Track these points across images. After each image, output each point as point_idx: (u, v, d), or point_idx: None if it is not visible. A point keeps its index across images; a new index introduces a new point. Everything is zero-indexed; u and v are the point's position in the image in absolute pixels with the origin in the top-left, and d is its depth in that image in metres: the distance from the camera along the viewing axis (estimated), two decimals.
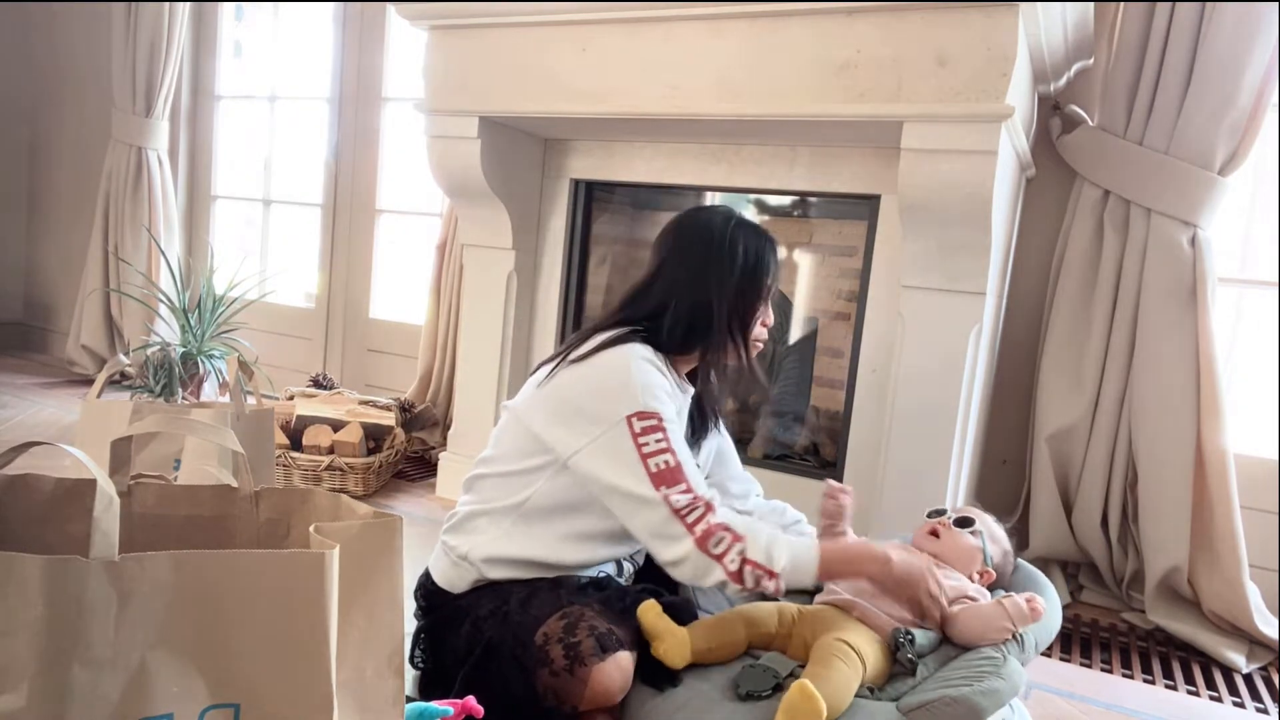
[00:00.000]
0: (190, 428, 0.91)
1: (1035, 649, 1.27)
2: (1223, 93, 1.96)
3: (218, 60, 3.99)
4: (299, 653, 0.73)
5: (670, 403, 1.29)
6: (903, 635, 1.23)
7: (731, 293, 1.37)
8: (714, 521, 1.19)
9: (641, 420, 1.23)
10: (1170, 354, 2.05)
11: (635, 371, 1.27)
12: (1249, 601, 1.97)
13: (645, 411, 1.24)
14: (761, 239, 1.41)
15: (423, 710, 1.07)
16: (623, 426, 1.23)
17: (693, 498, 1.20)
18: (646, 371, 1.28)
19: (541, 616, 1.21)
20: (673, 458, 1.22)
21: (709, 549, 1.18)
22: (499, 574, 1.32)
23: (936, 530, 1.40)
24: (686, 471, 1.22)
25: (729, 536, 1.19)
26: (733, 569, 1.18)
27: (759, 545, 1.19)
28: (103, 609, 0.67)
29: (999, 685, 1.11)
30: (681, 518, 1.19)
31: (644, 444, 1.22)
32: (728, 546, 1.18)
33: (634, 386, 1.25)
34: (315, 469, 2.53)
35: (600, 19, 2.08)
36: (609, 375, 1.28)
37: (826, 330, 2.37)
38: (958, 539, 1.38)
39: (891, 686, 1.21)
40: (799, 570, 1.21)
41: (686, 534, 1.19)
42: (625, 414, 1.24)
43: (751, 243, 1.39)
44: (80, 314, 3.94)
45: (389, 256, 3.59)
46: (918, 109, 1.78)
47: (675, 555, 1.20)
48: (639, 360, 1.29)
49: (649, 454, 1.22)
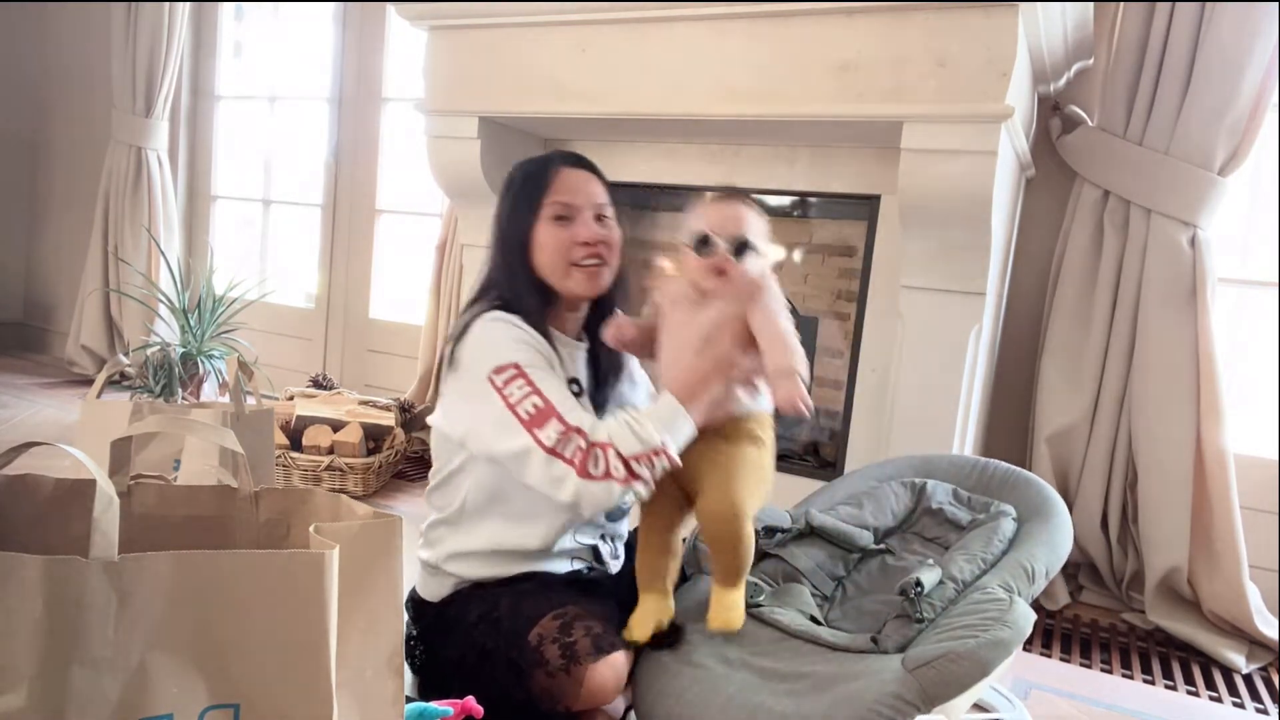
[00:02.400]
0: (190, 428, 0.90)
1: (1045, 577, 1.24)
2: (1223, 93, 1.96)
3: (218, 60, 3.99)
4: (299, 653, 0.73)
5: (529, 350, 1.25)
6: (912, 587, 1.21)
7: (505, 220, 1.34)
8: (586, 444, 1.16)
9: (500, 374, 1.21)
10: (1170, 354, 2.05)
11: (482, 333, 1.26)
12: (1249, 602, 1.97)
13: (501, 365, 1.21)
14: (534, 161, 1.36)
15: (422, 710, 1.07)
16: (487, 387, 1.21)
17: (563, 430, 1.16)
18: (492, 329, 1.26)
19: (534, 617, 1.20)
20: (540, 399, 1.18)
21: (591, 472, 1.14)
22: (473, 571, 1.32)
23: (722, 268, 1.23)
24: (558, 407, 1.18)
25: (600, 450, 1.15)
26: (622, 475, 1.15)
27: (628, 437, 1.16)
28: (102, 609, 0.67)
29: (1005, 635, 1.08)
30: (558, 454, 1.16)
31: (509, 395, 1.20)
32: (606, 460, 1.15)
33: (484, 347, 1.24)
34: (315, 469, 2.53)
35: (600, 19, 2.08)
36: (465, 352, 1.26)
37: (826, 330, 2.37)
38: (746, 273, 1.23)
39: (898, 634, 1.19)
40: (674, 426, 1.18)
41: (568, 469, 1.15)
42: (484, 375, 1.22)
43: (521, 168, 1.35)
44: (80, 314, 3.94)
45: (389, 256, 3.59)
46: (918, 109, 1.78)
47: (568, 495, 1.16)
48: (484, 322, 1.27)
49: (516, 402, 1.19)
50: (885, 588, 1.36)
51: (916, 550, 1.45)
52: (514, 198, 1.33)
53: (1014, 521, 1.39)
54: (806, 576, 1.39)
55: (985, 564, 1.29)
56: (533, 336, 1.26)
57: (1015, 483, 1.50)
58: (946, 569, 1.28)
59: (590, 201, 1.32)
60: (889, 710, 1.04)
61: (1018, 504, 1.44)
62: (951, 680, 1.05)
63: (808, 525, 1.44)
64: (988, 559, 1.30)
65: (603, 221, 1.34)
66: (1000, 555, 1.32)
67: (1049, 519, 1.37)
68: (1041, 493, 1.43)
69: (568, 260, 1.30)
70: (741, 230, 1.23)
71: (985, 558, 1.30)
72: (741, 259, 1.22)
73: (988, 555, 1.31)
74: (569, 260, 1.30)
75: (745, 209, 1.25)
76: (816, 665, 1.15)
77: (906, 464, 1.64)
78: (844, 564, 1.43)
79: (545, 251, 1.30)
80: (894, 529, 1.52)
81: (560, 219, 1.30)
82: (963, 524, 1.44)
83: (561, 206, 1.30)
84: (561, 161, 1.35)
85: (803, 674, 1.14)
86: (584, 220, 1.30)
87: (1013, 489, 1.49)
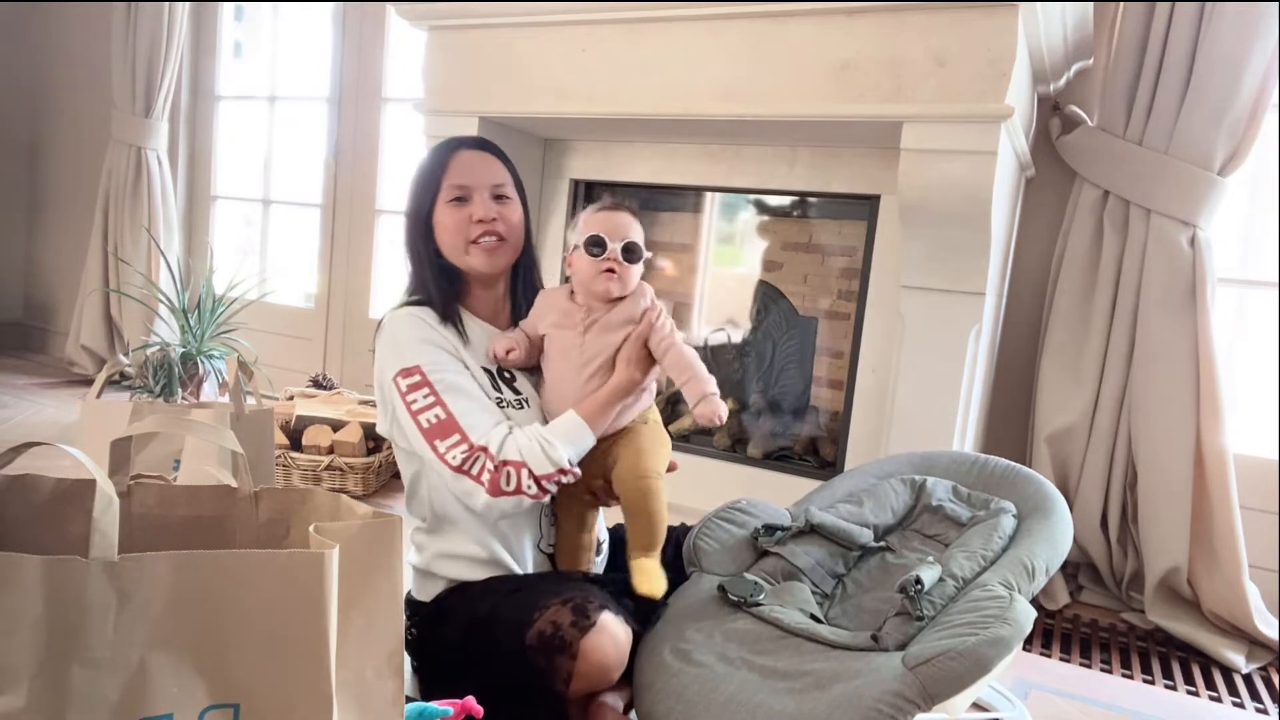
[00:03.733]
0: (190, 428, 0.91)
1: (1046, 573, 1.24)
2: (1222, 93, 1.96)
3: (218, 60, 3.99)
4: (299, 653, 0.73)
5: (433, 349, 1.28)
6: (912, 585, 1.21)
7: (409, 208, 1.38)
8: (495, 463, 1.20)
9: (405, 378, 1.25)
10: (1170, 354, 2.05)
11: (387, 333, 1.31)
12: (1249, 602, 1.97)
13: (405, 368, 1.26)
14: (435, 148, 1.39)
15: (422, 710, 1.07)
16: (393, 391, 1.26)
17: (467, 449, 1.20)
18: (397, 328, 1.30)
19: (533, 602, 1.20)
20: (442, 410, 1.22)
21: (504, 489, 1.19)
22: (461, 573, 1.33)
23: (612, 268, 1.31)
24: (460, 420, 1.22)
25: (513, 469, 1.20)
26: (534, 491, 1.20)
27: (540, 458, 1.21)
28: (102, 609, 0.67)
29: (1005, 632, 1.08)
30: (465, 472, 1.20)
31: (412, 402, 1.24)
32: (518, 479, 1.20)
33: (390, 348, 1.29)
34: (315, 469, 2.53)
35: (600, 19, 2.08)
36: (378, 350, 1.32)
37: (826, 330, 2.37)
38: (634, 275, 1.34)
39: (898, 631, 1.19)
40: (578, 443, 1.25)
41: (477, 486, 1.20)
42: (390, 378, 1.27)
43: (424, 158, 1.39)
44: (80, 314, 3.94)
45: (389, 256, 3.59)
46: (917, 109, 1.78)
47: (480, 507, 1.21)
48: (391, 320, 1.32)
49: (418, 411, 1.23)
50: (885, 585, 1.36)
51: (916, 547, 1.45)
52: (415, 184, 1.38)
53: (1014, 518, 1.39)
54: (806, 574, 1.39)
55: (985, 561, 1.29)
56: (440, 334, 1.31)
57: (1015, 479, 1.50)
58: (946, 566, 1.28)
59: (486, 181, 1.35)
60: (890, 708, 1.04)
61: (1018, 500, 1.43)
62: (952, 678, 1.05)
63: (807, 523, 1.44)
64: (988, 556, 1.30)
65: (501, 201, 1.36)
66: (1000, 552, 1.32)
67: (1049, 515, 1.37)
68: (1041, 489, 1.43)
69: (466, 239, 1.33)
70: (629, 234, 1.33)
71: (985, 555, 1.30)
72: (630, 260, 1.32)
73: (988, 552, 1.30)
74: (467, 239, 1.33)
75: (631, 218, 1.35)
76: (817, 663, 1.15)
77: (906, 461, 1.64)
78: (844, 562, 1.43)
79: (445, 231, 1.34)
80: (894, 526, 1.52)
81: (457, 200, 1.34)
82: (963, 521, 1.44)
83: (457, 188, 1.34)
84: (459, 145, 1.39)
85: (803, 672, 1.14)
86: (480, 200, 1.34)
87: (1012, 485, 1.49)
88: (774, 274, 2.44)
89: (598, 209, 1.36)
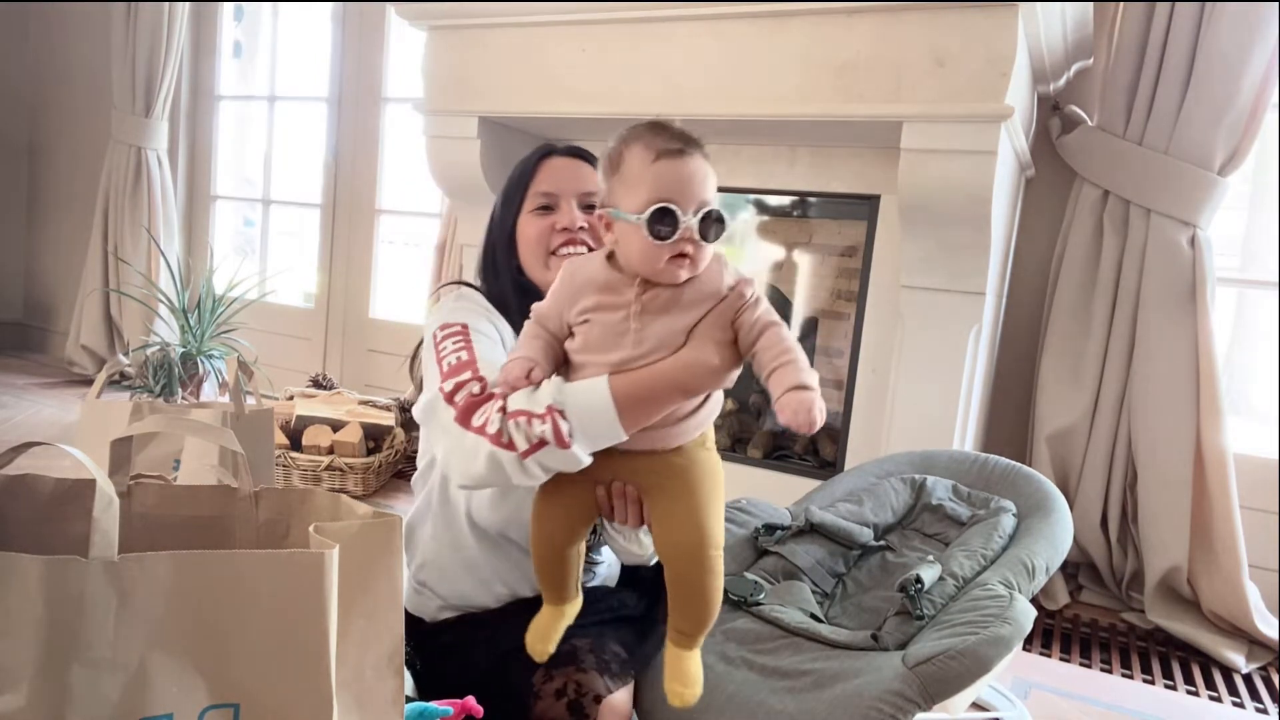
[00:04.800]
0: (190, 428, 0.90)
1: (1046, 572, 1.23)
2: (1222, 93, 1.96)
3: (217, 60, 3.99)
4: (299, 653, 0.73)
5: (484, 321, 1.16)
6: (913, 584, 1.20)
7: (493, 219, 1.28)
8: (481, 391, 0.99)
9: (444, 330, 1.11)
10: (1170, 354, 2.05)
11: (445, 303, 1.20)
12: (1248, 601, 1.97)
13: (447, 323, 1.11)
14: (527, 156, 1.27)
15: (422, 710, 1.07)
16: (431, 346, 1.11)
17: (469, 375, 1.01)
18: (457, 301, 1.20)
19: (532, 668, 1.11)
20: (466, 352, 1.06)
21: (471, 423, 0.96)
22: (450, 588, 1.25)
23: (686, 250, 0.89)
24: (479, 361, 1.04)
25: (489, 403, 0.96)
26: (493, 430, 0.93)
27: (522, 396, 0.94)
28: (102, 609, 0.67)
29: (1005, 632, 1.07)
30: (450, 399, 1.00)
31: (442, 349, 1.08)
32: (487, 414, 0.95)
33: (439, 313, 1.16)
34: (315, 469, 2.53)
35: (600, 19, 2.08)
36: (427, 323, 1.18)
37: (826, 330, 2.37)
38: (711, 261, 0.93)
39: (898, 630, 1.18)
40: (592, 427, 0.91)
41: (450, 411, 0.99)
42: (431, 334, 1.12)
43: (519, 163, 1.28)
44: (80, 314, 3.94)
45: (389, 256, 3.59)
46: (917, 109, 1.78)
47: (442, 451, 1.04)
48: (446, 299, 1.22)
49: (444, 355, 1.07)
50: (885, 584, 1.36)
51: (916, 546, 1.45)
52: (501, 194, 1.28)
53: (1014, 517, 1.39)
54: (806, 574, 1.39)
55: (985, 560, 1.29)
56: (498, 318, 1.20)
57: (1015, 478, 1.50)
58: (947, 565, 1.28)
59: (575, 188, 1.22)
60: (890, 707, 1.04)
61: (1018, 499, 1.43)
62: (952, 677, 1.05)
63: (807, 522, 1.44)
64: (988, 555, 1.30)
65: (591, 211, 1.19)
66: (1000, 551, 1.32)
67: (1049, 514, 1.37)
68: (1041, 488, 1.43)
69: (547, 249, 1.20)
70: (707, 193, 0.90)
71: (985, 554, 1.30)
72: (708, 237, 0.89)
73: (988, 551, 1.30)
74: (548, 249, 1.20)
75: (705, 163, 0.91)
76: (817, 663, 1.15)
77: (906, 460, 1.64)
78: (844, 561, 1.43)
79: (527, 242, 1.22)
80: (894, 525, 1.52)
81: (543, 209, 1.22)
82: (963, 520, 1.44)
83: (544, 196, 1.22)
84: (550, 151, 1.28)
85: (803, 671, 1.14)
86: (567, 208, 1.21)
87: (1012, 484, 1.49)
88: (774, 274, 2.44)
89: (656, 153, 0.89)
